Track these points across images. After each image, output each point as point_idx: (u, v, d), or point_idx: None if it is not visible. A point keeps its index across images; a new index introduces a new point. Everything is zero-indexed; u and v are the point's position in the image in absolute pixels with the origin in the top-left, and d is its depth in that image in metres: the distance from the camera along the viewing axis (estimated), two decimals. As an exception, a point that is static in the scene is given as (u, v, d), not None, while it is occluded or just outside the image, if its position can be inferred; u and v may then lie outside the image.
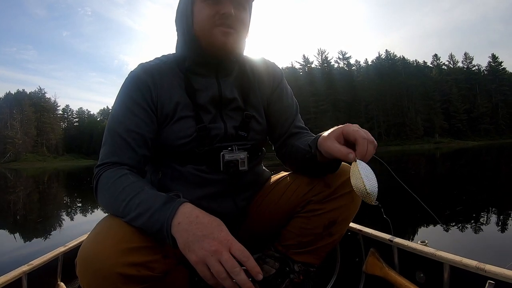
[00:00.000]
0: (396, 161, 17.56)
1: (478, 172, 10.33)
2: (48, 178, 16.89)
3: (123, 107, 0.99)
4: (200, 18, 0.98)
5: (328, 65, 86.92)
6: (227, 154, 1.04)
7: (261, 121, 1.15)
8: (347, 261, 1.51)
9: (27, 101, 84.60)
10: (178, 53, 1.08)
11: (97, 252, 0.76)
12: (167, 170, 1.06)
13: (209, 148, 1.04)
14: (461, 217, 4.19)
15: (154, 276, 0.80)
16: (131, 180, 0.87)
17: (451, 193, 6.19)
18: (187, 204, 0.79)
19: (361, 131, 0.82)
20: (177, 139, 1.02)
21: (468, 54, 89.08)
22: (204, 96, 1.04)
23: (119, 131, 0.96)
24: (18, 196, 10.23)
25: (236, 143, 1.08)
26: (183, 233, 0.73)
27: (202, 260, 0.71)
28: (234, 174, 1.07)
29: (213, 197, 1.07)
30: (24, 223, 5.55)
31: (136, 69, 1.04)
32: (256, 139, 1.14)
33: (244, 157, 1.06)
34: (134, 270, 0.76)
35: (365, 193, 0.78)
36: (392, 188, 7.30)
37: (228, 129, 1.07)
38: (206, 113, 1.05)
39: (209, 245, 0.71)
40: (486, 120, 78.60)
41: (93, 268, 0.75)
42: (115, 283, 0.75)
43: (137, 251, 0.78)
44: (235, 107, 1.10)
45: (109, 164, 0.93)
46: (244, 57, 1.15)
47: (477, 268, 0.95)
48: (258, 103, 1.15)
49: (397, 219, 4.04)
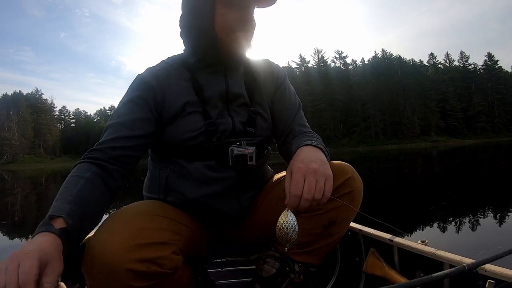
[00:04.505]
0: (392, 160, 17.63)
1: (475, 170, 10.38)
2: (46, 180, 16.85)
3: (122, 106, 1.02)
4: (223, 21, 1.02)
5: (324, 64, 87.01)
6: (236, 148, 1.05)
7: (267, 118, 1.18)
8: (347, 261, 1.52)
9: (24, 103, 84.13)
10: (187, 51, 1.11)
11: (106, 248, 0.76)
12: (175, 167, 1.07)
13: (218, 143, 1.06)
14: (445, 212, 4.23)
15: (163, 273, 0.81)
16: (73, 184, 0.84)
17: (442, 190, 6.22)
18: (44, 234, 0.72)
19: (298, 187, 0.84)
20: (185, 133, 1.03)
21: (464, 53, 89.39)
22: (211, 91, 1.07)
23: (112, 124, 0.99)
24: (16, 197, 10.18)
25: (244, 138, 1.09)
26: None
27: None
28: (243, 169, 1.07)
29: (218, 196, 1.08)
30: (21, 225, 5.53)
31: (143, 72, 1.08)
32: (263, 136, 1.16)
33: (253, 151, 1.07)
34: (144, 266, 0.77)
35: (284, 239, 0.85)
36: (392, 188, 7.31)
37: (236, 124, 1.09)
38: (213, 108, 1.07)
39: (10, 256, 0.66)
40: (483, 118, 78.79)
41: (102, 264, 0.75)
42: (125, 279, 0.75)
43: (147, 247, 0.79)
44: (241, 103, 1.12)
45: (86, 157, 0.93)
46: (249, 58, 1.18)
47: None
48: (263, 100, 1.18)
49: (397, 219, 4.05)
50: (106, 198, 0.90)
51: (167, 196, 1.08)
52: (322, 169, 0.86)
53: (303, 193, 0.83)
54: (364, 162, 17.87)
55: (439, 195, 5.74)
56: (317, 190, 0.83)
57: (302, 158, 0.89)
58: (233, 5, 1.02)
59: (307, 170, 0.85)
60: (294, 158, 0.92)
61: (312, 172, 0.85)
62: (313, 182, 0.83)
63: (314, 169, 0.85)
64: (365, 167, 13.48)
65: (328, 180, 0.86)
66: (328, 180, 0.86)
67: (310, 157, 0.90)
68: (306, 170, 0.85)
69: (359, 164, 15.33)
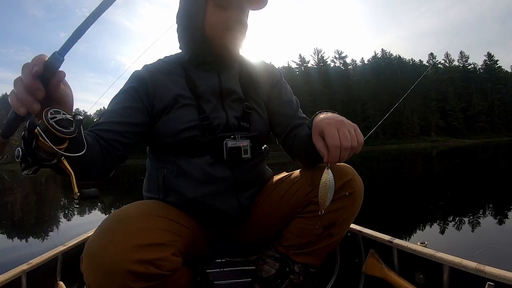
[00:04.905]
0: (392, 160, 17.63)
1: (475, 170, 10.38)
2: (46, 180, 16.81)
3: (116, 97, 1.07)
4: (213, 21, 1.06)
5: (324, 64, 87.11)
6: (230, 141, 1.07)
7: (262, 114, 1.19)
8: (347, 262, 1.52)
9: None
10: (182, 49, 1.15)
11: (105, 248, 0.76)
12: (172, 167, 1.08)
13: (212, 138, 1.07)
14: (444, 212, 4.23)
15: (162, 274, 0.80)
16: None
17: (442, 190, 6.22)
18: None
19: (335, 138, 0.86)
20: (180, 124, 1.05)
21: (464, 53, 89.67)
22: (204, 86, 1.10)
23: (105, 112, 1.03)
24: (15, 197, 10.18)
25: (239, 133, 1.11)
26: None
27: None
28: (238, 161, 1.08)
29: (217, 195, 1.08)
30: (21, 224, 5.53)
31: (139, 68, 1.12)
32: (258, 131, 1.16)
33: (247, 144, 1.09)
34: (143, 268, 0.76)
35: (324, 198, 0.87)
36: (391, 188, 7.32)
37: (229, 118, 1.10)
38: (207, 103, 1.09)
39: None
40: (482, 118, 78.89)
41: (101, 264, 0.75)
42: (123, 279, 0.75)
43: (146, 248, 0.78)
44: (236, 98, 1.14)
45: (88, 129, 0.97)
46: (243, 57, 1.21)
47: (477, 269, 0.95)
48: (258, 97, 1.19)
49: (396, 219, 4.05)
50: (98, 149, 0.91)
51: (166, 196, 1.08)
52: (347, 120, 0.91)
53: (341, 143, 0.85)
54: (364, 162, 17.83)
55: (438, 195, 5.73)
56: (352, 138, 0.86)
57: (326, 117, 0.93)
58: (223, 5, 1.05)
59: (337, 123, 0.88)
60: (316, 121, 0.94)
61: (341, 123, 0.88)
62: (346, 131, 0.87)
63: (342, 120, 0.90)
64: (365, 167, 13.48)
65: (357, 129, 0.90)
66: (356, 129, 0.90)
67: (331, 115, 0.94)
68: (336, 123, 0.88)
69: (359, 164, 15.31)
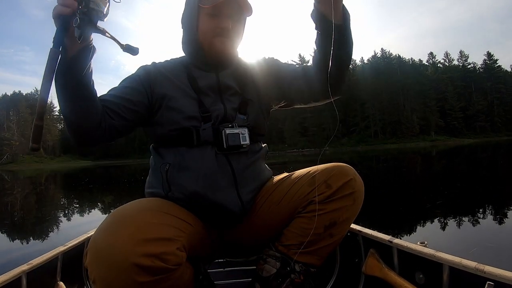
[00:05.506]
0: (391, 160, 17.64)
1: (475, 169, 10.38)
2: (45, 180, 16.82)
3: (121, 82, 1.17)
4: (203, 28, 1.16)
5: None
6: (228, 129, 1.13)
7: (258, 106, 1.26)
8: (347, 261, 1.52)
9: (23, 103, 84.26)
10: (183, 52, 1.27)
11: (111, 242, 0.76)
12: (174, 161, 1.11)
13: (212, 128, 1.12)
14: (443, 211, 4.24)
15: (167, 268, 0.81)
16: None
17: (441, 189, 6.22)
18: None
19: None
20: (181, 114, 1.12)
21: (464, 52, 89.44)
22: (204, 83, 1.18)
23: (109, 91, 1.13)
24: (15, 198, 10.17)
25: (237, 123, 1.17)
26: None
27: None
28: (237, 149, 1.13)
29: (218, 188, 1.10)
30: (21, 225, 5.53)
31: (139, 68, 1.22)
32: (255, 121, 1.23)
33: (245, 132, 1.15)
34: (149, 261, 0.77)
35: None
36: (391, 188, 7.32)
37: (227, 110, 1.18)
38: (206, 97, 1.17)
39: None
40: (482, 117, 78.78)
41: (107, 258, 0.75)
42: (130, 273, 0.75)
43: (153, 242, 0.79)
44: (233, 92, 1.22)
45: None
46: (240, 58, 1.29)
47: (477, 269, 0.95)
48: (254, 90, 1.26)
49: (396, 218, 4.06)
50: (99, 105, 1.02)
51: (169, 190, 1.10)
52: None
53: None
54: (364, 161, 17.86)
55: (437, 194, 5.73)
56: None
57: None
58: (212, 14, 1.14)
59: None
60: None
61: None
62: None
63: None
64: (365, 167, 13.47)
65: None
66: None
67: None
68: None
69: (359, 163, 15.33)
